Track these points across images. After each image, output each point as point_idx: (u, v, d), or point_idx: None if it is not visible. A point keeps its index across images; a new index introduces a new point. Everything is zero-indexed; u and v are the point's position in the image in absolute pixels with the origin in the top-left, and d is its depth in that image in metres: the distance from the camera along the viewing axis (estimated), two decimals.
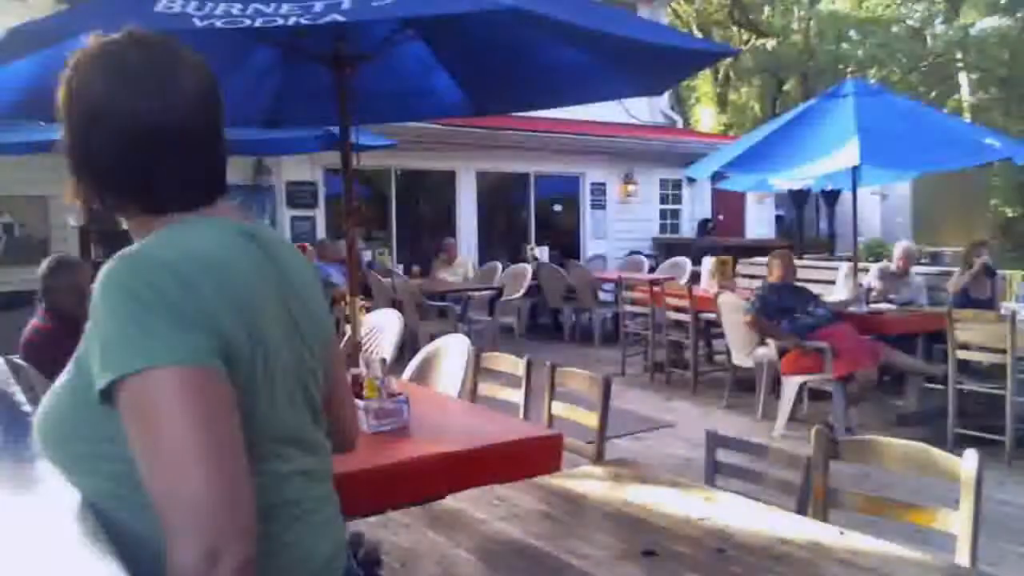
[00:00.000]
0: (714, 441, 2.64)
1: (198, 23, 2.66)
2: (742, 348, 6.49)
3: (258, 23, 2.70)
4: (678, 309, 7.43)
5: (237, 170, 9.61)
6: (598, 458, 3.04)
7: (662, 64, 3.88)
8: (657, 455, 5.43)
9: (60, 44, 3.35)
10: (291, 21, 2.70)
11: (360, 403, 2.75)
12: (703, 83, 28.03)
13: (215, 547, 0.96)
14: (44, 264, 3.83)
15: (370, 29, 3.93)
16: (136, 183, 1.18)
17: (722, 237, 13.22)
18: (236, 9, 2.74)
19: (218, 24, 2.67)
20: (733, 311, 6.48)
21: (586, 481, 2.44)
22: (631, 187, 13.14)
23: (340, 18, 2.72)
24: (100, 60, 1.18)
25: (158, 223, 1.18)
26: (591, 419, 3.11)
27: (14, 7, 8.21)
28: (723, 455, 2.63)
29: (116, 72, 1.17)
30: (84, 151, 1.17)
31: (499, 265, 10.68)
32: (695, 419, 6.39)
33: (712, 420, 6.24)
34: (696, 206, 14.19)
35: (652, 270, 11.64)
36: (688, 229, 13.99)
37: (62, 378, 1.15)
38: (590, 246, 12.94)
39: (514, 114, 8.26)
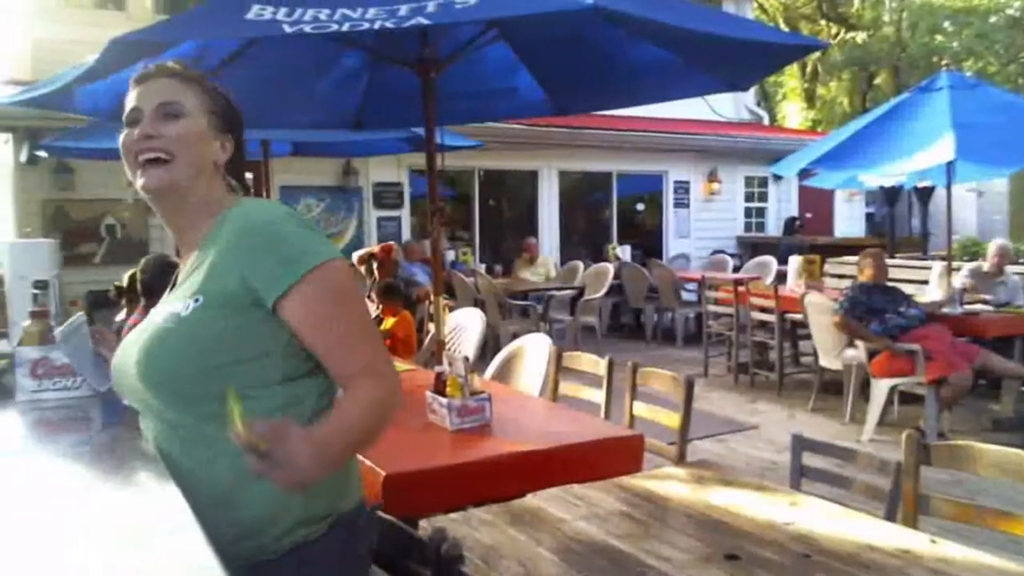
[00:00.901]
0: (800, 444, 2.59)
1: (287, 29, 2.73)
2: (830, 350, 6.34)
3: (345, 27, 2.75)
4: (763, 309, 7.30)
5: (326, 172, 9.83)
6: (680, 460, 3.01)
7: (747, 59, 3.82)
8: (740, 458, 5.35)
9: (160, 54, 3.50)
10: (377, 25, 2.75)
11: (443, 401, 2.78)
12: (790, 78, 27.42)
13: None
14: (143, 262, 3.99)
15: (454, 31, 3.98)
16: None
17: (809, 236, 12.91)
18: (324, 15, 2.81)
19: (306, 29, 2.73)
20: (821, 312, 6.34)
21: (668, 483, 2.42)
22: (715, 185, 12.95)
23: (425, 21, 2.76)
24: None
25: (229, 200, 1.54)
26: (673, 420, 3.08)
27: (116, 19, 8.57)
28: (809, 459, 2.58)
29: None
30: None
31: (581, 264, 10.65)
32: (780, 422, 6.27)
33: (798, 423, 6.12)
34: (782, 204, 13.90)
35: (736, 269, 11.45)
36: (774, 228, 13.71)
37: (183, 310, 1.41)
38: (673, 245, 12.81)
39: (596, 113, 8.24)
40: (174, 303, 1.44)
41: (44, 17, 8.69)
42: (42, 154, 7.82)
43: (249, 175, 9.86)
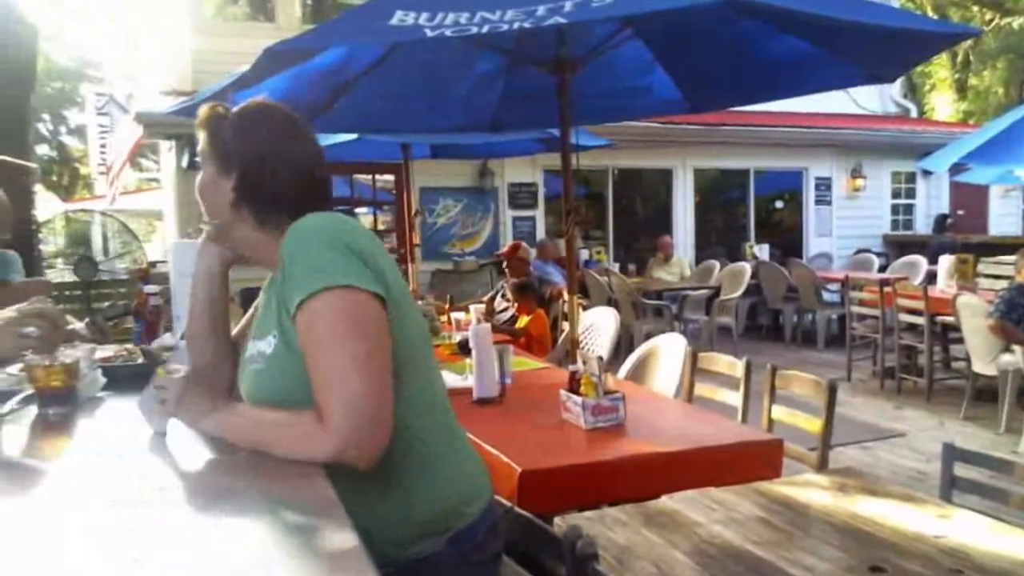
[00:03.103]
0: (952, 454, 2.47)
1: (429, 33, 2.80)
2: (984, 355, 6.00)
3: (485, 30, 2.80)
4: (911, 311, 6.98)
5: (463, 173, 10.02)
6: (821, 466, 2.93)
7: (892, 49, 3.66)
8: (885, 466, 5.13)
9: (307, 61, 3.67)
10: (515, 26, 2.78)
11: (577, 399, 2.80)
12: (939, 67, 25.97)
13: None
14: None
15: (590, 31, 3.99)
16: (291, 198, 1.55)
17: (962, 234, 12.20)
18: (464, 18, 2.86)
19: (447, 33, 2.80)
20: (974, 314, 6.00)
21: (808, 489, 2.36)
22: (859, 181, 12.44)
23: (562, 20, 2.77)
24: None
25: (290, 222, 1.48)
26: (814, 425, 3.00)
27: (267, 30, 9.00)
28: (961, 470, 2.46)
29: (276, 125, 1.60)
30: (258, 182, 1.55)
31: (716, 264, 10.46)
32: (928, 430, 5.98)
33: (948, 432, 5.82)
34: (932, 201, 13.22)
35: (882, 269, 10.99)
36: (923, 225, 13.05)
37: (267, 349, 1.46)
38: (814, 244, 12.39)
39: (732, 108, 8.08)
40: (260, 338, 1.50)
41: (201, 30, 9.21)
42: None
43: (389, 177, 10.20)
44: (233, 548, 1.03)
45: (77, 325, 1.94)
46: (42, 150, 22.28)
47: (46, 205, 14.24)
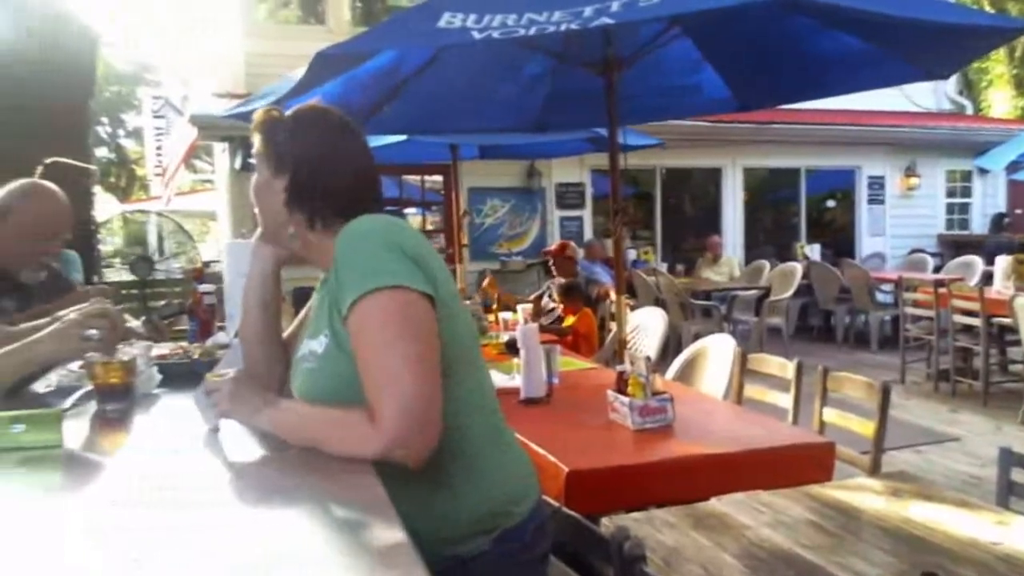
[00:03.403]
0: (1009, 458, 2.42)
1: (476, 36, 2.82)
2: None
3: (532, 31, 2.81)
4: (967, 313, 6.83)
5: (510, 174, 10.04)
6: (874, 470, 2.88)
7: (947, 45, 3.59)
8: (940, 471, 5.04)
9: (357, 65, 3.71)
10: (563, 27, 2.79)
11: (625, 400, 2.79)
12: (996, 63, 25.31)
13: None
14: None
15: (637, 30, 3.98)
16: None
17: (1019, 233, 11.92)
18: (511, 20, 2.87)
19: (495, 35, 2.81)
20: None
21: (860, 494, 2.32)
22: (913, 180, 12.20)
23: (609, 21, 2.77)
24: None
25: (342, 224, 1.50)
26: (867, 428, 2.95)
27: (318, 32, 9.11)
28: (1019, 475, 2.40)
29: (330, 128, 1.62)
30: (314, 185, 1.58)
31: (766, 264, 10.35)
32: (984, 434, 5.85)
33: (1005, 436, 5.68)
34: (988, 199, 12.91)
35: (937, 270, 10.76)
36: (979, 225, 12.76)
37: (319, 348, 1.48)
38: (866, 244, 12.19)
39: (783, 107, 7.98)
40: (312, 338, 1.53)
41: (253, 33, 9.35)
42: (254, 161, 8.42)
43: (437, 177, 10.26)
44: (284, 544, 1.05)
45: (134, 323, 1.99)
46: (101, 152, 22.81)
47: (104, 206, 14.57)
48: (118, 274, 10.75)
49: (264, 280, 1.73)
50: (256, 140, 1.65)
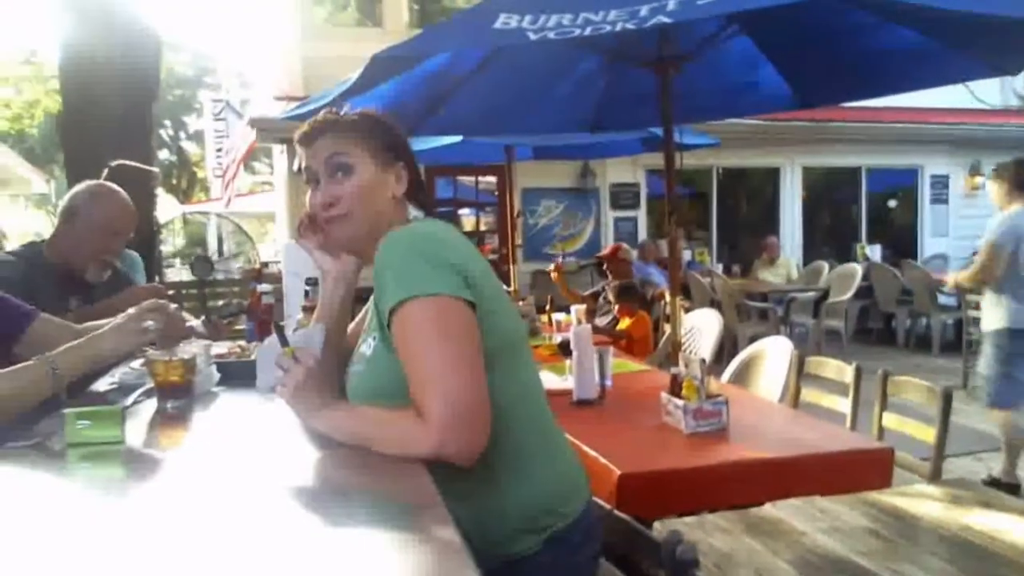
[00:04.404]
0: None
1: (532, 36, 2.81)
2: None
3: (587, 31, 2.80)
4: None
5: (563, 174, 10.03)
6: (934, 477, 2.82)
7: (1014, 39, 3.48)
8: None
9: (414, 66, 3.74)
10: (618, 27, 2.76)
11: (679, 403, 2.77)
12: None
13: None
14: None
15: (694, 28, 3.93)
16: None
17: None
18: (567, 20, 2.86)
19: (551, 36, 2.80)
20: None
21: (919, 501, 2.27)
22: (978, 179, 11.88)
23: (666, 19, 2.74)
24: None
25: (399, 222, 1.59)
26: (927, 434, 2.89)
27: (375, 34, 9.20)
28: None
29: None
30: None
31: (825, 265, 10.18)
32: None
33: None
34: None
35: None
36: None
37: (368, 351, 1.51)
38: (929, 245, 11.92)
39: (843, 105, 7.84)
40: (364, 340, 1.57)
41: (311, 35, 9.48)
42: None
43: (491, 178, 10.28)
44: (338, 542, 1.07)
45: (194, 323, 2.04)
46: (163, 155, 23.37)
47: (166, 207, 14.92)
48: (178, 274, 11.01)
49: (345, 281, 1.76)
50: (353, 135, 1.62)
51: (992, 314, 4.73)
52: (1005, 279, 4.63)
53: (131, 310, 1.86)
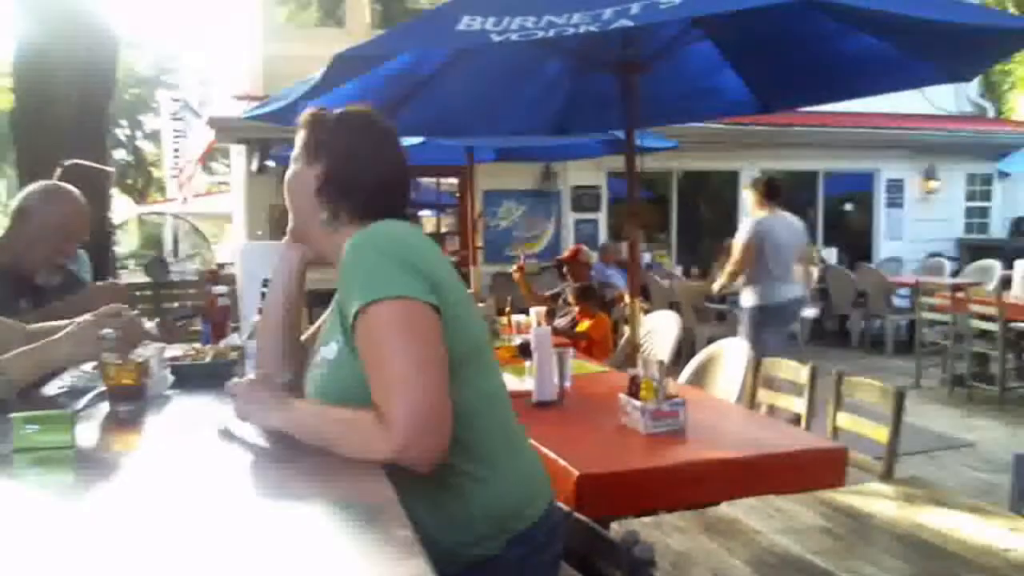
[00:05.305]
0: None
1: (495, 38, 2.81)
2: None
3: (551, 34, 2.80)
4: (985, 317, 6.77)
5: (525, 176, 10.05)
6: (887, 475, 2.87)
7: (970, 47, 3.55)
8: (953, 477, 5.00)
9: (376, 66, 3.72)
10: (582, 29, 2.78)
11: (637, 404, 2.79)
12: (1019, 66, 25.02)
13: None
14: None
15: (658, 32, 3.96)
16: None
17: None
18: (530, 22, 2.86)
19: (514, 38, 2.80)
20: None
21: (873, 499, 2.31)
22: (932, 183, 12.12)
23: (629, 23, 2.76)
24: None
25: (363, 224, 1.54)
26: (880, 433, 2.94)
27: (337, 35, 9.14)
28: None
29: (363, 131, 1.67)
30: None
31: None
32: (999, 440, 5.81)
33: (1020, 442, 5.64)
34: (1008, 203, 12.81)
35: (955, 274, 10.68)
36: (999, 229, 12.66)
37: (330, 355, 1.50)
38: (884, 248, 12.12)
39: (801, 109, 7.95)
40: (326, 343, 1.55)
41: (272, 35, 9.40)
42: (270, 163, 8.48)
43: (453, 180, 10.25)
44: (293, 546, 1.06)
45: (148, 325, 2.01)
46: (118, 154, 22.99)
47: (120, 208, 14.68)
48: (133, 276, 10.83)
49: (289, 278, 1.75)
50: (299, 137, 1.68)
51: (747, 295, 5.83)
52: (755, 270, 5.74)
53: (88, 316, 1.82)
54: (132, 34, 22.90)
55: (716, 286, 6.45)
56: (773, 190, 5.92)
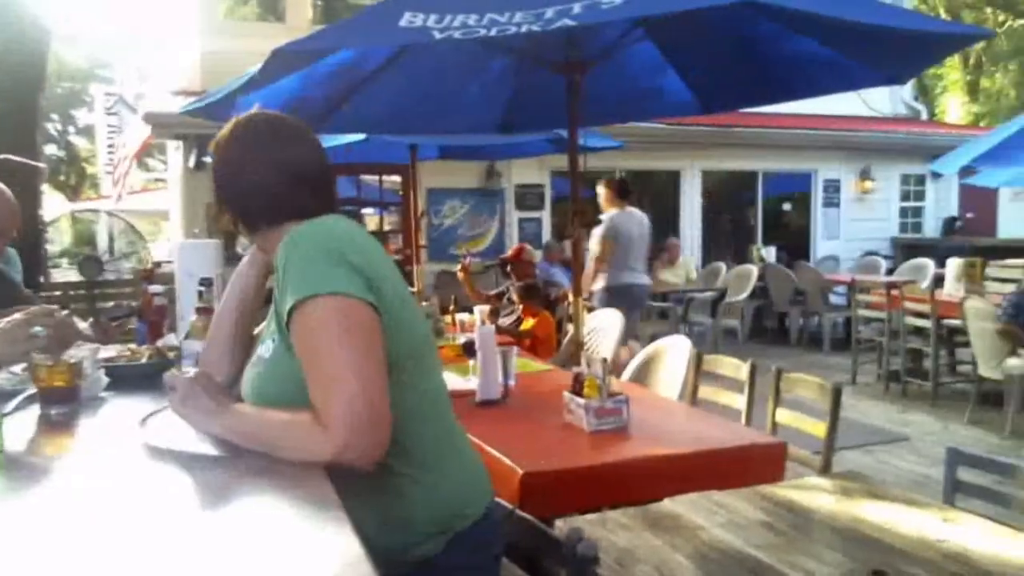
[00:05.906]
0: (956, 458, 2.46)
1: (437, 36, 2.80)
2: (990, 358, 5.98)
3: (493, 32, 2.80)
4: (918, 315, 6.95)
5: (469, 174, 10.02)
6: (825, 470, 2.92)
7: (905, 51, 3.65)
8: (889, 470, 5.12)
9: (317, 62, 3.67)
10: (524, 28, 2.78)
11: (581, 402, 2.80)
12: (951, 70, 25.85)
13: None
14: None
15: (600, 32, 3.98)
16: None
17: (970, 237, 12.18)
18: (472, 20, 2.86)
19: (456, 36, 2.80)
20: (982, 318, 5.98)
21: (812, 493, 2.35)
22: (868, 184, 12.40)
23: (570, 22, 2.77)
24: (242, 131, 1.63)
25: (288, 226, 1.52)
26: (819, 428, 2.99)
27: (277, 30, 9.02)
28: (965, 473, 2.45)
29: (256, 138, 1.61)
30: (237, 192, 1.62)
31: (723, 266, 10.45)
32: (933, 434, 5.97)
33: (952, 435, 5.81)
34: (941, 203, 13.17)
35: (890, 272, 10.94)
36: (932, 228, 13.01)
37: (266, 353, 1.49)
38: (821, 247, 12.36)
39: (741, 111, 8.07)
40: (262, 342, 1.54)
41: (211, 30, 9.23)
42: (208, 160, 8.30)
43: (396, 178, 10.17)
44: (231, 550, 1.04)
45: (81, 325, 1.96)
46: (50, 150, 22.34)
47: (53, 204, 14.30)
48: (65, 274, 10.54)
49: (247, 281, 1.75)
50: None
51: (598, 280, 6.57)
52: (608, 260, 6.54)
53: (18, 315, 1.76)
54: (65, 27, 22.32)
55: (587, 280, 6.69)
56: (623, 189, 6.73)
